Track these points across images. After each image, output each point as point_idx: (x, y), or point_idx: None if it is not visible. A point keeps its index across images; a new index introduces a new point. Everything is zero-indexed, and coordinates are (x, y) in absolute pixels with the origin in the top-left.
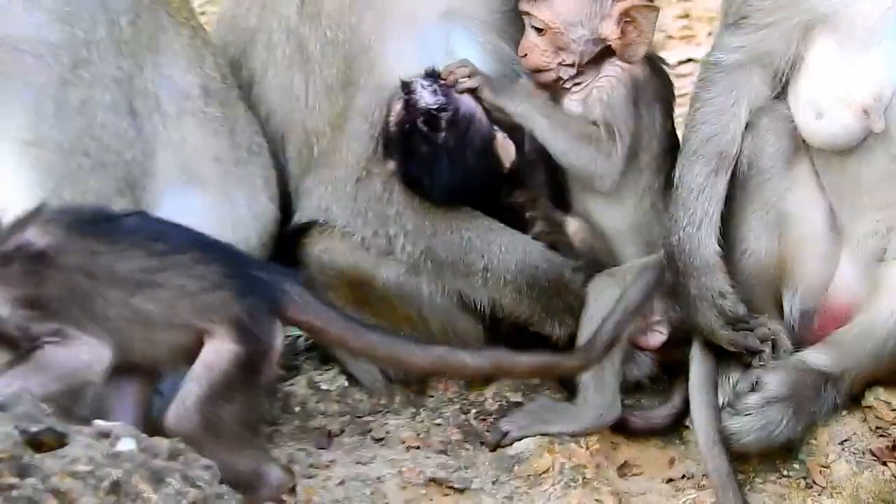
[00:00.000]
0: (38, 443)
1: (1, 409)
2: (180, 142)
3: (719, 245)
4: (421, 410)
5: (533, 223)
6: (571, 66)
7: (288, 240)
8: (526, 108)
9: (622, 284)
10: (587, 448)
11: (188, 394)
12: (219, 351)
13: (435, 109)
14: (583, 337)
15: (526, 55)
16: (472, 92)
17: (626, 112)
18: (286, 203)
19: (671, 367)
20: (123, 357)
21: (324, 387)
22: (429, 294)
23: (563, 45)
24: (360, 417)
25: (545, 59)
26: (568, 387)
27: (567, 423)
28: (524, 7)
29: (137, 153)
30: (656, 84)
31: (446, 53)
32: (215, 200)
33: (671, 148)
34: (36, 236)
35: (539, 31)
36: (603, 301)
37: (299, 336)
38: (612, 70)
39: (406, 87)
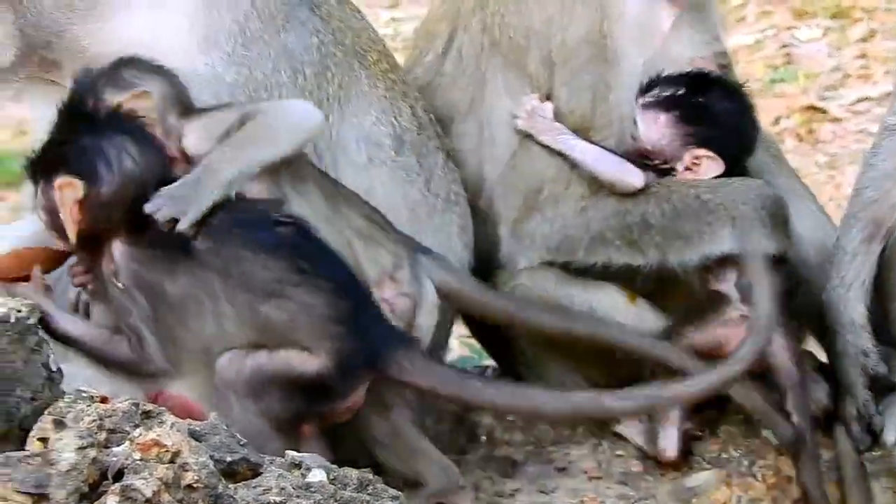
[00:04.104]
0: (232, 472)
1: (197, 439)
2: (368, 189)
3: (868, 308)
4: (602, 441)
5: None
6: None
7: None
8: None
9: None
10: (763, 481)
11: (258, 356)
12: (308, 361)
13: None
14: None
15: None
16: None
17: None
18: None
19: None
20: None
21: (509, 417)
22: None
23: None
24: (543, 447)
25: None
26: None
27: None
28: None
29: None
30: None
31: None
32: None
33: None
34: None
35: None
36: None
37: (487, 367)
38: None
39: None
